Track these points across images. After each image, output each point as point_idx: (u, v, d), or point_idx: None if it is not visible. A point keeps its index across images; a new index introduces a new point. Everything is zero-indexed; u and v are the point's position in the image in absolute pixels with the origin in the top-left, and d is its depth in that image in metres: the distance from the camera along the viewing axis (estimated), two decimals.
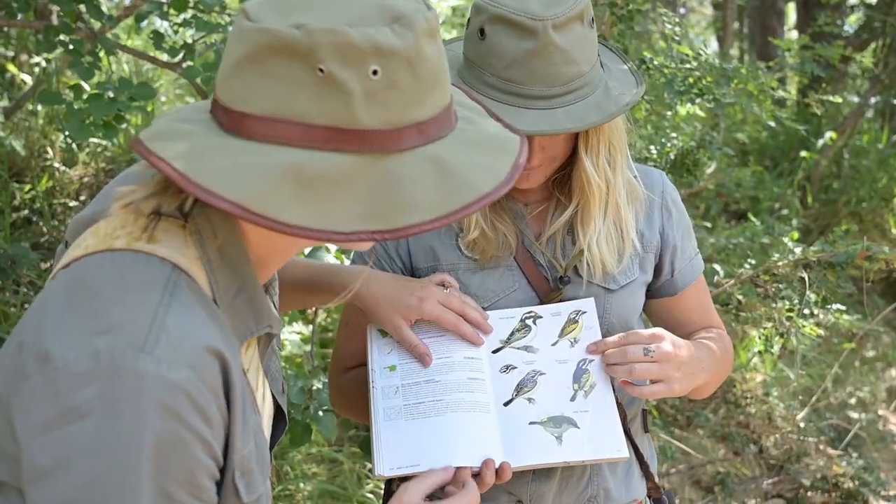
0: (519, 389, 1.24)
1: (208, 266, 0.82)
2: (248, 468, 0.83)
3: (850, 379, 3.99)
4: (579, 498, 1.34)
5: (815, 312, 2.43)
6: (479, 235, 1.31)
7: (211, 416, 0.77)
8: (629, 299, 1.35)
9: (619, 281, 1.34)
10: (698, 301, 1.45)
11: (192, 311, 0.79)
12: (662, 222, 1.39)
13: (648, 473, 1.42)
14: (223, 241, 0.83)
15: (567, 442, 1.19)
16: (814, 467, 3.14)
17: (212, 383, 0.77)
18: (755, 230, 3.18)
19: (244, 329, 0.85)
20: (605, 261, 1.31)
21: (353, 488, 2.85)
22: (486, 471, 1.15)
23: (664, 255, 1.39)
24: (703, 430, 3.28)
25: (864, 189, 4.93)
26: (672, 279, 1.41)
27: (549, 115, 1.18)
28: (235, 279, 0.84)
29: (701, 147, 2.58)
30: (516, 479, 1.30)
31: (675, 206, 1.41)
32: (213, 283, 0.82)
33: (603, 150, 1.27)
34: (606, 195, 1.29)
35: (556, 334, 1.28)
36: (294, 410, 2.18)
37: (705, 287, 1.48)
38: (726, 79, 2.45)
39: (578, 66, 1.19)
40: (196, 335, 0.78)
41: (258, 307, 0.87)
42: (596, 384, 1.23)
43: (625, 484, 1.38)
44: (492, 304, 1.33)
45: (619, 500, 1.37)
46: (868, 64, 4.84)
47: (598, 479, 1.34)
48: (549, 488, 1.32)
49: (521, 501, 1.33)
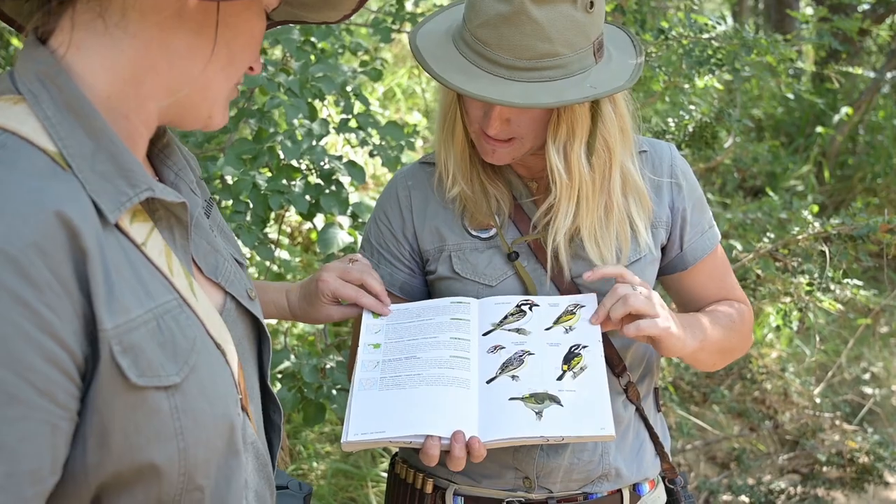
0: (504, 367, 1.20)
1: (51, 128, 0.76)
2: (133, 344, 0.75)
3: (864, 354, 3.97)
4: (589, 476, 1.32)
5: (832, 288, 2.40)
6: (460, 193, 1.32)
7: (39, 281, 0.69)
8: (640, 275, 1.33)
9: (630, 257, 1.32)
10: (713, 275, 1.42)
11: (16, 168, 0.73)
12: (672, 197, 1.36)
13: (663, 453, 1.40)
14: (64, 97, 0.77)
15: (547, 417, 1.13)
16: (829, 442, 3.13)
17: (40, 243, 0.70)
18: (773, 205, 3.15)
19: (116, 193, 0.78)
20: (602, 252, 1.28)
21: (366, 467, 2.86)
22: (455, 444, 1.10)
23: (674, 229, 1.37)
24: (719, 407, 3.27)
25: (880, 165, 4.89)
26: (682, 253, 1.38)
27: (503, 84, 1.15)
28: (87, 137, 0.77)
29: (719, 120, 2.54)
30: (522, 456, 1.30)
31: (685, 179, 1.37)
32: (59, 145, 0.76)
33: (576, 142, 1.22)
34: (579, 188, 1.25)
35: (552, 321, 1.25)
36: (307, 389, 2.17)
37: (723, 260, 1.44)
38: (747, 48, 2.40)
39: (552, 45, 1.14)
40: (17, 193, 0.71)
41: (127, 167, 0.79)
42: (587, 367, 1.18)
43: (636, 462, 1.36)
44: (499, 282, 1.31)
45: (629, 478, 1.35)
46: (885, 38, 4.77)
47: (609, 458, 1.33)
48: (557, 465, 1.31)
49: (529, 478, 1.32)
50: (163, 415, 0.77)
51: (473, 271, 1.32)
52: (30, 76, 0.78)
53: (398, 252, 1.36)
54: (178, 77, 0.83)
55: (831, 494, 2.88)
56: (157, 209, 0.84)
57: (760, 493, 2.82)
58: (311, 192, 2.14)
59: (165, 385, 0.77)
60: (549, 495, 1.32)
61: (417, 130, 2.61)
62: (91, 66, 0.80)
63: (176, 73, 0.83)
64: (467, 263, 1.32)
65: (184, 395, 0.79)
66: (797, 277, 2.43)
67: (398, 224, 1.36)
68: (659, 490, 1.41)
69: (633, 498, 1.37)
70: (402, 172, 1.41)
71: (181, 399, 0.78)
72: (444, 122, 1.32)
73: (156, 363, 0.77)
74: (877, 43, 5.00)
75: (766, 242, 2.55)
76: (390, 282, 1.37)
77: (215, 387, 0.83)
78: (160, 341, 0.78)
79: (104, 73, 0.80)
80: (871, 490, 2.96)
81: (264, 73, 2.08)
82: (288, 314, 1.27)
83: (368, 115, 2.26)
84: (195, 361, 0.81)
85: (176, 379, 0.78)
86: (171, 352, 0.79)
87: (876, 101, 5.39)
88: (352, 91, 2.27)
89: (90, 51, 0.80)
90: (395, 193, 1.38)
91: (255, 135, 2.16)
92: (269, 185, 2.09)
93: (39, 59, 0.79)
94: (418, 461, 1.39)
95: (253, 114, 2.17)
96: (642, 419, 1.38)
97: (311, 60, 2.19)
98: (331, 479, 2.78)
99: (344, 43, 2.41)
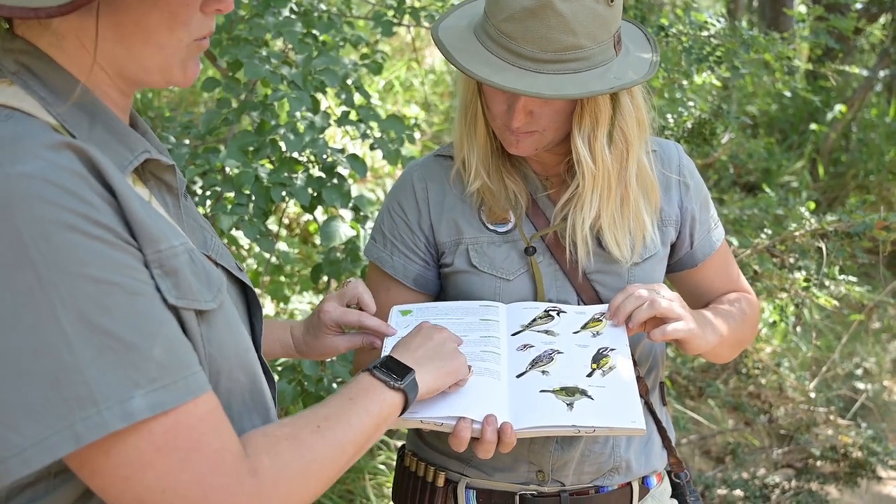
0: (534, 363, 1.21)
1: (47, 105, 0.79)
2: (171, 268, 0.78)
3: (857, 350, 4.01)
4: (600, 469, 1.34)
5: (827, 284, 2.42)
6: (481, 187, 1.32)
7: (84, 195, 0.73)
8: (651, 272, 1.35)
9: (642, 254, 1.34)
10: (721, 269, 1.45)
11: (33, 125, 0.77)
12: (681, 196, 1.38)
13: (670, 447, 1.42)
14: (49, 78, 0.80)
15: (578, 408, 1.14)
16: (822, 437, 3.16)
17: (72, 168, 0.74)
18: (769, 201, 3.17)
19: (118, 157, 0.82)
20: (620, 245, 1.30)
21: (364, 459, 2.86)
22: (487, 427, 1.10)
23: (683, 228, 1.39)
24: (715, 401, 3.30)
25: (872, 162, 4.93)
26: (692, 251, 1.41)
27: (530, 77, 1.16)
28: (80, 111, 0.81)
29: (717, 116, 2.55)
30: (538, 448, 1.31)
31: (692, 178, 1.40)
32: (59, 119, 0.80)
33: (599, 132, 1.24)
34: (603, 177, 1.26)
35: (579, 326, 1.26)
36: (307, 382, 2.18)
37: (728, 255, 1.47)
38: (745, 46, 2.42)
39: (576, 38, 1.16)
40: (42, 138, 0.75)
41: (124, 133, 0.84)
42: (615, 367, 1.19)
43: (644, 455, 1.38)
44: (516, 276, 1.32)
45: (638, 471, 1.37)
46: (878, 37, 4.81)
47: (620, 451, 1.34)
48: (570, 458, 1.32)
49: (542, 471, 1.33)
50: (194, 338, 0.80)
51: (491, 265, 1.32)
52: (10, 63, 0.81)
53: (413, 244, 1.36)
54: (134, 51, 0.83)
55: (825, 489, 2.91)
56: (149, 179, 0.88)
57: (755, 487, 2.84)
58: (312, 184, 2.14)
59: (200, 310, 0.81)
60: (561, 488, 1.33)
61: (418, 123, 2.61)
62: (64, 48, 0.82)
63: (132, 48, 0.83)
64: (485, 257, 1.32)
65: (209, 326, 0.82)
66: (794, 273, 2.45)
67: (414, 215, 1.36)
68: (665, 484, 1.43)
69: (643, 491, 1.38)
70: (417, 164, 1.41)
71: (206, 329, 0.82)
72: (464, 116, 1.32)
73: (195, 288, 0.80)
74: (869, 42, 5.04)
75: (763, 238, 2.57)
76: (404, 273, 1.37)
77: (237, 323, 0.88)
78: (194, 271, 0.82)
79: (78, 53, 0.82)
80: (864, 484, 2.99)
81: (267, 66, 2.07)
82: (293, 351, 1.26)
83: (369, 108, 2.26)
84: (222, 299, 0.85)
85: (213, 304, 0.83)
86: (206, 282, 0.83)
87: (869, 99, 5.44)
88: (353, 84, 2.27)
89: (46, 37, 0.81)
90: (410, 185, 1.38)
91: (258, 127, 2.15)
92: (271, 177, 2.09)
93: (14, 47, 0.82)
94: (429, 454, 1.39)
95: (255, 106, 2.17)
96: (650, 412, 1.39)
97: (312, 53, 2.19)
98: None
99: (345, 36, 2.40)
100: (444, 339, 1.12)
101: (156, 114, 3.65)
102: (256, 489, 0.78)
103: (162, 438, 0.74)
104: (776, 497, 2.86)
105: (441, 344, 1.11)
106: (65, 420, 0.70)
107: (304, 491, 0.82)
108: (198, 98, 3.97)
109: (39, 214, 0.71)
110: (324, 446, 0.85)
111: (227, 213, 2.03)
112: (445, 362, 1.09)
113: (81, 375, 0.71)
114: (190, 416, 0.75)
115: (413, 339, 1.11)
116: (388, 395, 0.97)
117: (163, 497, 0.74)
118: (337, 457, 0.86)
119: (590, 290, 1.33)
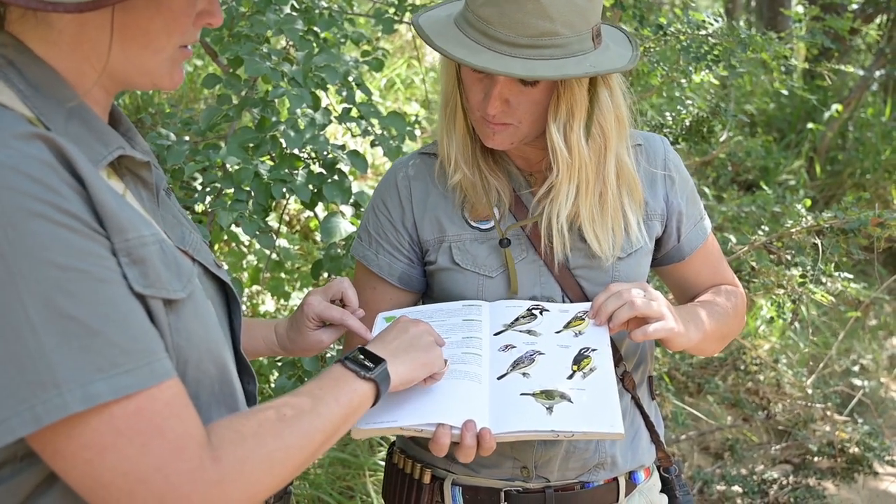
0: (515, 365, 1.21)
1: (25, 99, 0.81)
2: (139, 257, 0.79)
3: (854, 346, 4.03)
4: (585, 464, 1.34)
5: (824, 281, 2.44)
6: (462, 180, 1.32)
7: (52, 184, 0.74)
8: (636, 267, 1.35)
9: (626, 249, 1.34)
10: (707, 262, 1.45)
11: (5, 116, 0.78)
12: (666, 190, 1.38)
13: (658, 441, 1.42)
14: (32, 73, 0.82)
15: (557, 412, 1.14)
16: (820, 433, 3.18)
17: (41, 157, 0.75)
18: (767, 199, 3.19)
19: (92, 153, 0.83)
20: (600, 240, 1.30)
21: (364, 456, 2.87)
22: (466, 432, 1.11)
23: (670, 222, 1.40)
24: (713, 397, 3.31)
25: (868, 161, 4.95)
26: (679, 245, 1.41)
27: (504, 59, 1.17)
28: (59, 105, 0.82)
29: (715, 115, 2.57)
30: (521, 445, 1.31)
31: (677, 172, 1.40)
32: (36, 112, 0.81)
33: (576, 124, 1.24)
34: (580, 169, 1.26)
35: (561, 325, 1.26)
36: (307, 378, 2.18)
37: (715, 247, 1.48)
38: (743, 45, 2.43)
39: (553, 24, 1.17)
40: (10, 125, 0.76)
41: (99, 129, 0.85)
42: (596, 368, 1.19)
43: (631, 450, 1.38)
44: (498, 273, 1.33)
45: (625, 466, 1.37)
46: (874, 37, 4.83)
47: (604, 446, 1.35)
48: (554, 454, 1.32)
49: (527, 468, 1.33)
50: (161, 327, 0.81)
51: (473, 262, 1.33)
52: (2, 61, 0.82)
53: (397, 242, 1.37)
54: (117, 54, 0.85)
55: (822, 484, 2.93)
56: (125, 174, 0.89)
57: (753, 482, 2.86)
58: (313, 181, 2.15)
59: (168, 299, 0.81)
60: (546, 484, 1.33)
61: (419, 120, 2.62)
62: (59, 45, 0.83)
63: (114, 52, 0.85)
64: (467, 254, 1.33)
65: (177, 315, 0.83)
66: (790, 270, 2.47)
67: (398, 214, 1.37)
68: (654, 478, 1.43)
69: (629, 486, 1.39)
70: (401, 162, 1.42)
71: (174, 318, 0.82)
72: (445, 108, 1.33)
73: (163, 277, 0.81)
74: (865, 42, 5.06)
75: (760, 235, 2.59)
76: (389, 272, 1.37)
77: (208, 315, 0.88)
78: (164, 261, 0.82)
79: (74, 51, 0.83)
80: (861, 480, 3.01)
81: (268, 63, 2.08)
82: (277, 348, 1.27)
83: (370, 105, 2.27)
84: (192, 289, 0.85)
85: (181, 294, 0.83)
86: (176, 272, 0.84)
87: (865, 99, 5.46)
88: (353, 81, 2.28)
89: (39, 32, 0.83)
90: (394, 183, 1.38)
91: (258, 124, 2.16)
92: (272, 173, 2.10)
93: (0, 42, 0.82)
94: (416, 451, 1.40)
95: (256, 103, 2.18)
96: (637, 407, 1.40)
97: (313, 50, 2.20)
98: (328, 468, 2.79)
99: (346, 33, 2.41)
100: (421, 331, 1.12)
101: (156, 110, 3.65)
102: (219, 476, 0.78)
103: (124, 422, 0.74)
104: (774, 492, 2.87)
105: (417, 336, 1.11)
106: (26, 402, 0.72)
107: (267, 479, 0.82)
108: (198, 94, 3.98)
109: (7, 203, 0.72)
110: (290, 435, 0.85)
111: (226, 209, 2.04)
112: (420, 354, 1.09)
113: (45, 359, 0.72)
114: (153, 401, 0.76)
115: (389, 332, 1.11)
116: (358, 385, 0.97)
117: (124, 480, 0.75)
118: (304, 446, 0.86)
119: (574, 285, 1.33)
